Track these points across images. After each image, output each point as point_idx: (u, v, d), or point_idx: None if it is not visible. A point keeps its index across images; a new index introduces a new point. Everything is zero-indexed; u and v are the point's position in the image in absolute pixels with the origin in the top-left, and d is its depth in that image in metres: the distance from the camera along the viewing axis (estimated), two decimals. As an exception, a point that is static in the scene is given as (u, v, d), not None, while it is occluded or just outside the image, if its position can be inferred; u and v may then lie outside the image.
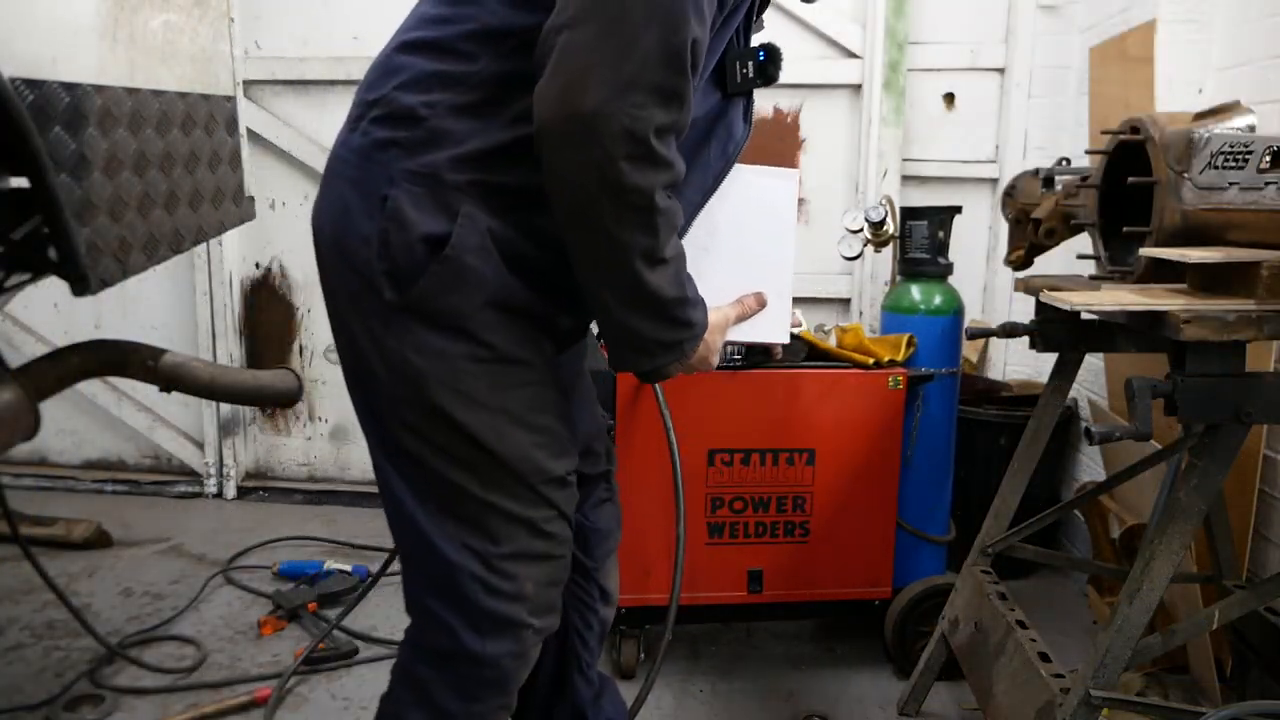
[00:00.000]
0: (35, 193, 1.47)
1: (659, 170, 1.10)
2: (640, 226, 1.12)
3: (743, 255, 1.43)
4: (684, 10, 1.07)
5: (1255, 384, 1.52)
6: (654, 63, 1.06)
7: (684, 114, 1.11)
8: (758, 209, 1.43)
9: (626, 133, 1.06)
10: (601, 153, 1.06)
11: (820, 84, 3.54)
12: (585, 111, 1.05)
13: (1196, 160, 1.57)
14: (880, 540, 2.53)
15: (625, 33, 1.05)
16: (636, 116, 1.05)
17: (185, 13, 1.98)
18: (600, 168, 1.07)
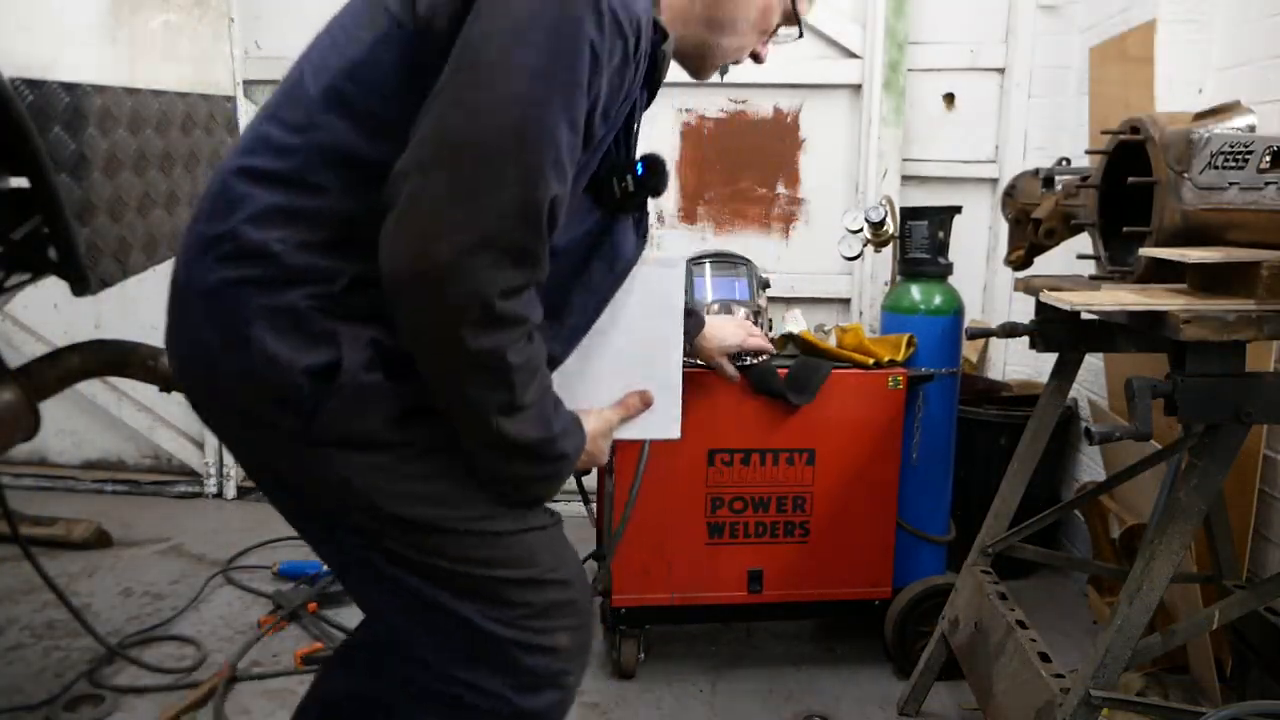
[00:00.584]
0: (35, 193, 1.47)
1: (508, 329, 1.04)
2: (493, 385, 1.07)
3: (631, 345, 1.36)
4: (542, 166, 1.00)
5: (1255, 384, 1.52)
6: (508, 222, 1.00)
7: (538, 271, 1.05)
8: (646, 299, 1.36)
9: (472, 295, 1.00)
10: (448, 316, 1.01)
11: (820, 84, 3.54)
12: (431, 272, 0.99)
13: (1196, 160, 1.57)
14: (880, 540, 2.53)
15: (479, 187, 0.99)
16: (485, 279, 1.00)
17: (185, 13, 1.98)
18: (447, 328, 1.02)
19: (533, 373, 1.10)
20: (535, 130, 0.99)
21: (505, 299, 1.02)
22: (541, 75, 0.99)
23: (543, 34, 0.99)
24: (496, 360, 1.05)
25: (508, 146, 0.99)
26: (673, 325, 1.37)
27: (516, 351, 1.05)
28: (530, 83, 0.99)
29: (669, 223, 3.70)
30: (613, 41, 1.01)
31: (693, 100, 3.60)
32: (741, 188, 3.66)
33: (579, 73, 1.00)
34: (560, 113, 1.00)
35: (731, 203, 3.67)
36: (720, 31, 1.26)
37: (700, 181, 3.66)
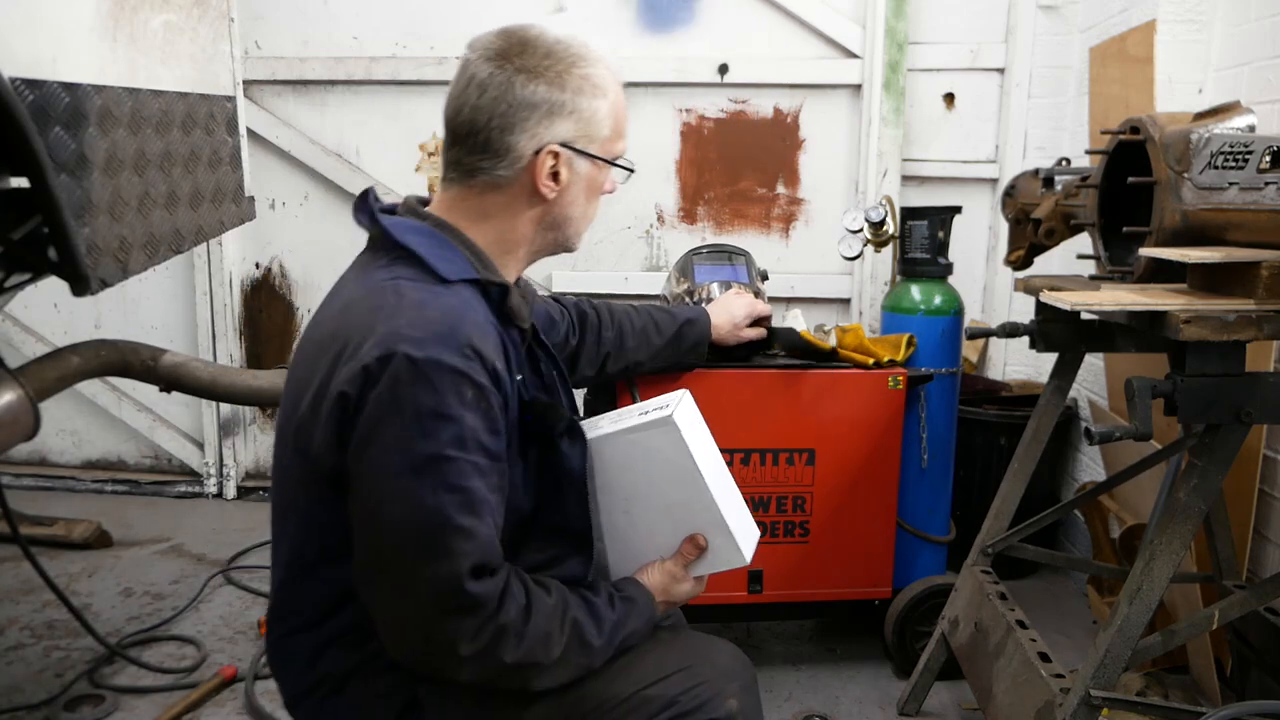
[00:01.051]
0: (35, 193, 1.46)
1: (492, 651, 1.15)
2: (527, 676, 1.19)
3: (663, 509, 1.38)
4: (443, 535, 1.11)
5: (1255, 384, 1.52)
6: (438, 598, 1.12)
7: (489, 601, 1.14)
8: (654, 463, 1.36)
9: (447, 654, 1.14)
10: (453, 673, 1.17)
11: (820, 84, 3.54)
12: (413, 658, 1.18)
13: (1196, 160, 1.57)
14: (880, 540, 2.53)
15: (405, 580, 1.13)
16: (433, 643, 1.14)
17: (185, 13, 1.98)
18: (459, 675, 1.17)
19: (545, 638, 1.19)
20: (428, 523, 1.11)
21: (472, 641, 1.14)
22: (419, 474, 1.11)
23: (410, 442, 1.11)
24: (506, 671, 1.17)
25: (409, 546, 1.12)
26: (690, 473, 1.35)
27: (511, 651, 1.16)
28: (406, 484, 1.11)
29: (669, 223, 3.70)
30: (477, 400, 1.14)
31: (692, 100, 3.60)
32: (741, 188, 3.66)
33: (454, 447, 1.12)
34: (444, 492, 1.11)
35: (731, 203, 3.67)
36: (562, 228, 1.33)
37: (700, 181, 3.66)
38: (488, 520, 1.15)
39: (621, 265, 3.72)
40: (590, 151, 1.28)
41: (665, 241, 3.71)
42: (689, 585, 1.38)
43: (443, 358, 1.10)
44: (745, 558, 1.37)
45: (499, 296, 1.26)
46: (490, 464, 1.16)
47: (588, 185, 1.31)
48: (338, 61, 3.64)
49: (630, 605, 1.32)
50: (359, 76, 3.65)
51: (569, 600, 1.25)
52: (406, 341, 1.10)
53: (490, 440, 1.15)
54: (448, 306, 1.16)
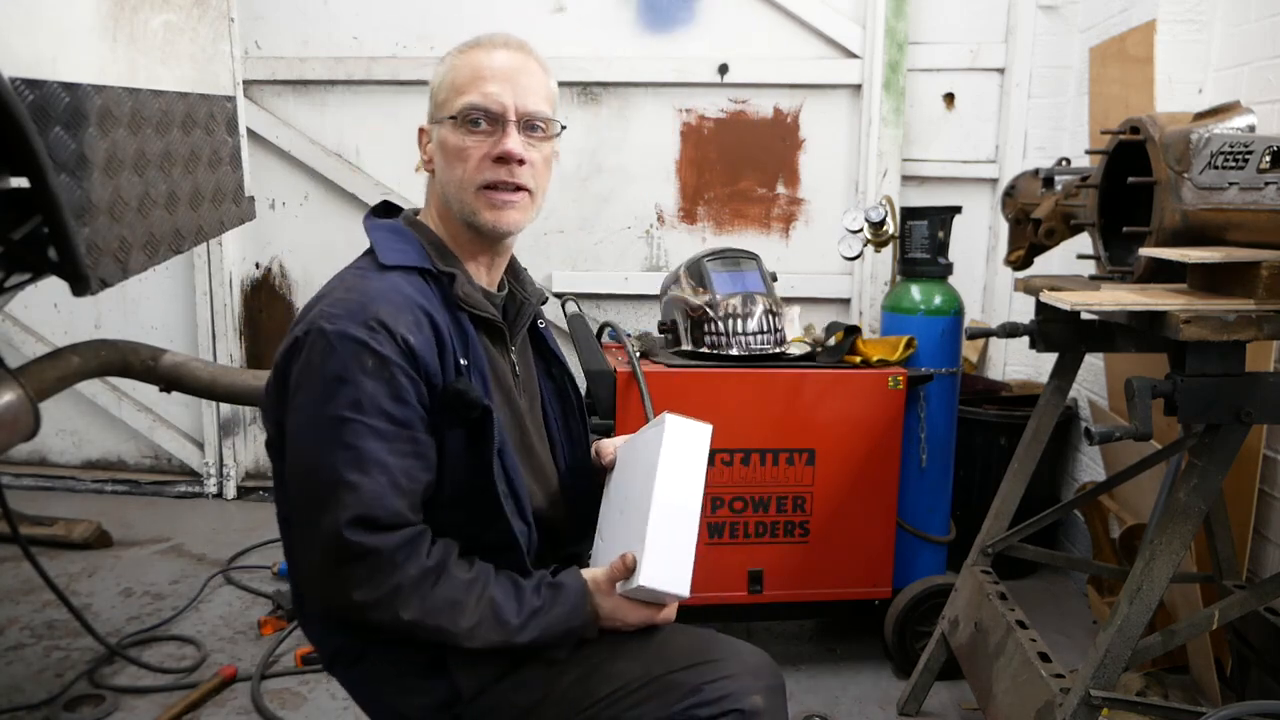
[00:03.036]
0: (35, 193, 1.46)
1: (386, 604, 1.22)
2: (426, 633, 1.25)
3: (630, 514, 1.40)
4: (332, 488, 1.21)
5: (1255, 384, 1.52)
6: (324, 547, 1.21)
7: (377, 554, 1.21)
8: (639, 464, 1.41)
9: (338, 598, 1.23)
10: (347, 614, 1.25)
11: (820, 84, 3.54)
12: (323, 606, 1.30)
13: (1196, 160, 1.57)
14: (880, 540, 2.53)
15: (302, 530, 1.28)
16: (331, 594, 1.23)
17: (185, 13, 1.97)
18: (357, 618, 1.24)
19: (451, 606, 1.26)
20: (320, 477, 1.22)
21: (365, 589, 1.21)
22: (319, 431, 1.24)
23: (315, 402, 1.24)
24: (409, 627, 1.24)
25: (305, 498, 1.25)
26: (648, 476, 1.36)
27: (409, 609, 1.23)
28: (310, 440, 1.25)
29: (669, 223, 3.70)
30: (378, 369, 1.23)
31: (693, 100, 3.60)
32: (741, 188, 3.66)
33: (351, 409, 1.22)
34: (338, 449, 1.22)
35: (731, 203, 3.67)
36: (449, 204, 1.39)
37: (700, 181, 3.66)
38: (378, 478, 1.22)
39: (621, 265, 3.72)
40: (435, 117, 1.40)
41: (665, 241, 3.71)
42: (611, 601, 1.37)
43: (347, 330, 1.23)
44: (638, 580, 1.33)
45: (448, 283, 1.36)
46: (392, 429, 1.24)
47: (441, 149, 1.38)
48: (338, 61, 3.64)
49: (556, 591, 1.34)
50: (359, 76, 3.65)
51: (490, 579, 1.31)
52: (324, 318, 1.25)
53: (393, 406, 1.24)
54: (369, 288, 1.29)
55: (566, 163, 3.59)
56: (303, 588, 1.30)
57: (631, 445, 1.50)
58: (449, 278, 1.36)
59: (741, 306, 2.45)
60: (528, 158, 1.36)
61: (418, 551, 1.25)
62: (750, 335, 2.45)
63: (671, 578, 1.36)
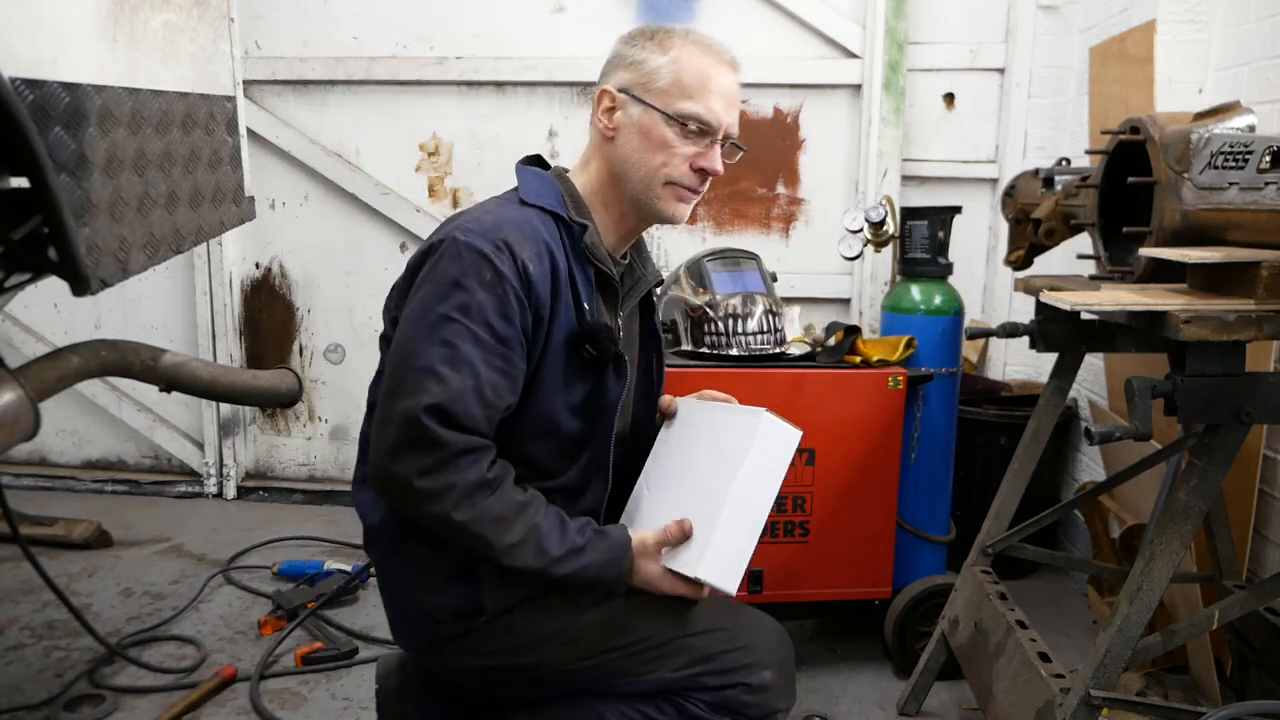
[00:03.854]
0: (35, 193, 1.46)
1: (439, 498, 1.29)
2: (468, 539, 1.31)
3: (694, 489, 1.42)
4: (422, 375, 1.29)
5: (1255, 384, 1.52)
6: (401, 426, 1.29)
7: (446, 446, 1.28)
8: (719, 444, 1.43)
9: (395, 489, 1.31)
10: (393, 500, 1.35)
11: (820, 84, 3.54)
12: (380, 486, 1.35)
13: (1196, 160, 1.57)
14: (880, 540, 2.53)
15: (386, 408, 1.33)
16: (395, 474, 1.30)
17: (185, 13, 1.97)
18: (404, 507, 1.34)
19: (498, 520, 1.31)
20: (415, 364, 1.31)
21: (423, 478, 1.28)
22: (425, 325, 1.32)
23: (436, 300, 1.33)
24: (454, 527, 1.30)
25: (398, 379, 1.32)
26: (732, 467, 1.37)
27: (459, 509, 1.29)
28: (415, 330, 1.33)
29: (669, 223, 3.70)
30: (494, 283, 1.32)
31: (693, 100, 3.60)
32: (741, 188, 3.66)
33: (459, 312, 1.31)
34: (437, 344, 1.30)
35: (731, 203, 3.67)
36: (625, 175, 1.47)
37: (700, 181, 3.66)
38: (465, 379, 1.29)
39: (621, 265, 3.71)
40: (644, 99, 1.43)
41: (665, 241, 3.71)
42: (654, 567, 1.40)
43: (475, 242, 1.33)
44: (696, 570, 1.35)
45: (579, 232, 1.44)
46: (492, 341, 1.32)
47: (640, 130, 1.44)
48: (338, 61, 3.64)
49: (600, 538, 1.39)
50: (359, 76, 3.65)
51: (541, 508, 1.37)
52: (459, 229, 1.36)
53: (498, 321, 1.32)
54: (505, 215, 1.39)
55: (566, 163, 3.59)
56: (373, 460, 1.35)
57: (709, 414, 1.51)
58: (580, 228, 1.44)
59: (741, 306, 2.45)
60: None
61: (479, 461, 1.31)
62: (750, 335, 2.45)
63: (727, 574, 1.38)
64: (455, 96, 3.64)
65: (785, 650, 1.49)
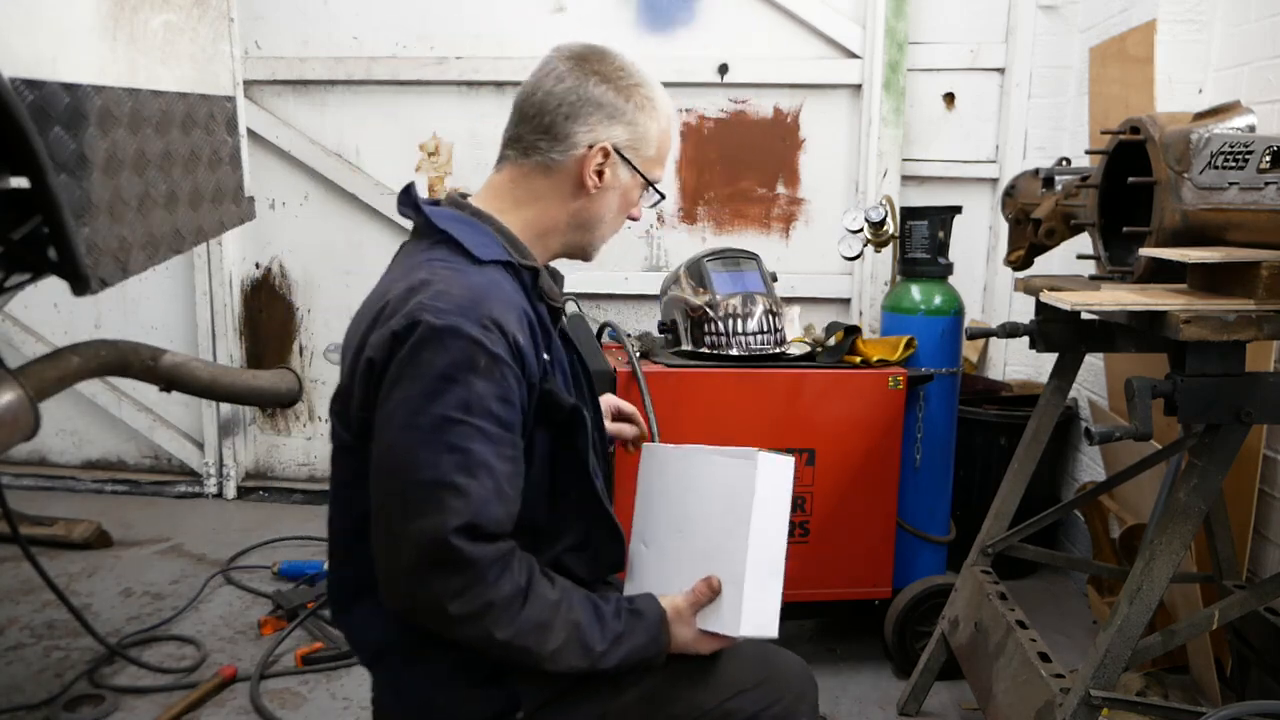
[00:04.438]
0: (35, 193, 1.46)
1: (478, 619, 1.18)
2: (513, 655, 1.22)
3: (706, 545, 1.37)
4: (437, 490, 1.15)
5: (1255, 384, 1.52)
6: (426, 551, 1.15)
7: (480, 563, 1.17)
8: (718, 495, 1.36)
9: (431, 607, 1.17)
10: (437, 626, 1.21)
11: (820, 84, 3.54)
12: (404, 610, 1.21)
13: (1196, 160, 1.57)
14: (880, 540, 2.53)
15: (398, 530, 1.18)
16: (419, 597, 1.18)
17: (185, 13, 1.97)
18: (449, 633, 1.20)
19: (539, 628, 1.22)
20: (425, 478, 1.16)
21: (460, 602, 1.17)
22: (422, 431, 1.17)
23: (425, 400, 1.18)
24: (499, 646, 1.20)
25: (405, 498, 1.18)
26: (741, 519, 1.32)
27: (501, 628, 1.19)
28: (410, 439, 1.18)
29: (669, 223, 3.70)
30: (490, 368, 1.19)
31: (693, 100, 3.60)
32: (741, 188, 3.66)
33: (460, 410, 1.17)
34: (444, 451, 1.16)
35: (731, 203, 3.67)
36: (591, 229, 1.41)
37: (700, 181, 3.66)
38: (485, 483, 1.18)
39: (622, 265, 3.71)
40: (634, 163, 1.38)
41: (665, 241, 3.71)
42: (690, 632, 1.35)
43: (460, 326, 1.17)
44: (739, 629, 1.32)
45: (531, 278, 1.34)
46: (500, 431, 1.20)
47: (623, 195, 1.40)
48: (338, 61, 3.64)
49: (637, 619, 1.32)
50: (359, 76, 3.65)
51: (573, 600, 1.27)
52: (430, 311, 1.18)
53: (501, 408, 1.20)
54: (474, 283, 1.24)
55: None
56: (388, 585, 1.22)
57: (694, 461, 1.43)
58: (531, 272, 1.34)
59: (741, 306, 2.45)
60: None
61: (510, 569, 1.21)
62: (750, 335, 2.45)
63: (765, 622, 1.34)
64: (455, 96, 3.64)
65: (814, 691, 1.48)
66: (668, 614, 1.34)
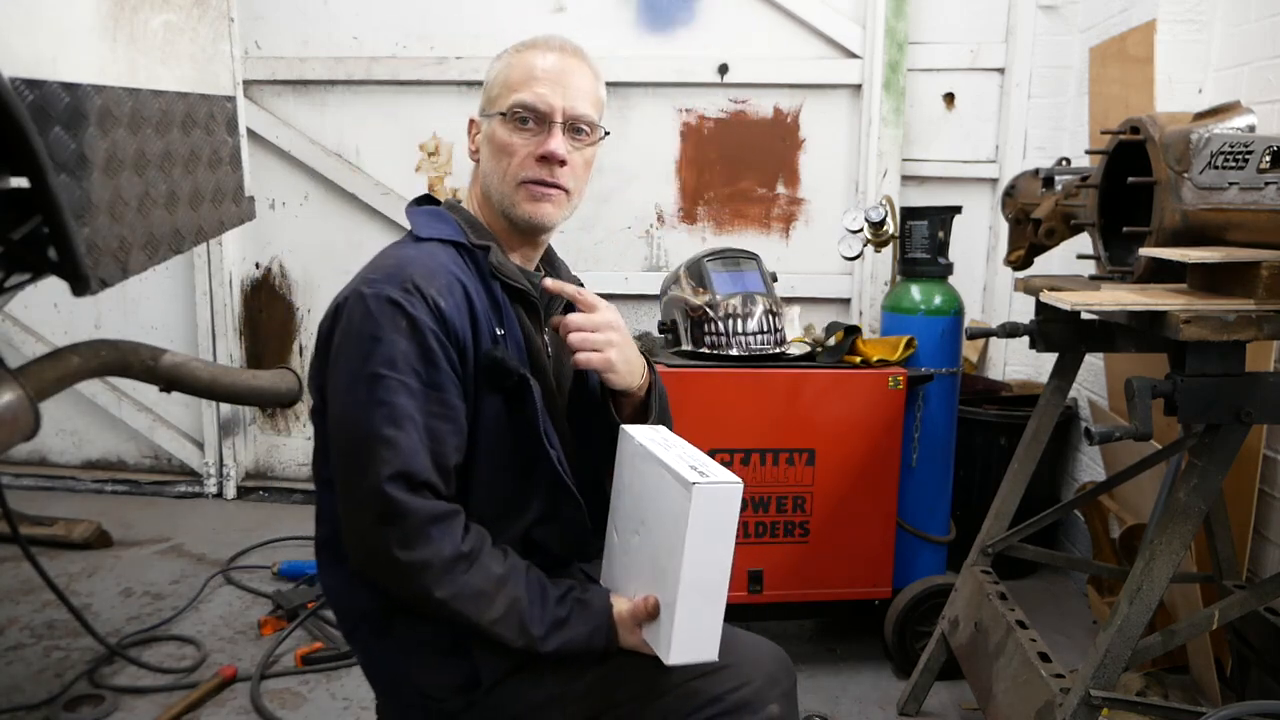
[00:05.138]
0: (35, 193, 1.46)
1: (420, 573, 1.24)
2: (448, 613, 1.27)
3: (654, 556, 1.34)
4: (370, 442, 1.24)
5: (1255, 384, 1.52)
6: (366, 502, 1.24)
7: (416, 514, 1.24)
8: (664, 512, 1.32)
9: (378, 557, 1.25)
10: (376, 575, 1.29)
11: (820, 84, 3.54)
12: (365, 569, 1.29)
13: (1196, 160, 1.57)
14: (880, 540, 2.53)
15: (347, 487, 1.28)
16: (373, 551, 1.25)
17: (185, 13, 1.97)
18: (385, 581, 1.29)
19: (479, 595, 1.27)
20: (359, 433, 1.26)
21: (403, 550, 1.23)
22: (356, 390, 1.27)
23: (356, 363, 1.28)
24: (430, 602, 1.26)
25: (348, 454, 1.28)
26: (676, 547, 1.27)
27: (439, 586, 1.25)
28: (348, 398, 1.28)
29: (669, 223, 3.70)
30: (410, 329, 1.28)
31: (692, 100, 3.60)
32: (741, 188, 3.66)
33: (385, 366, 1.27)
34: (373, 406, 1.25)
35: (731, 203, 3.67)
36: (489, 186, 1.44)
37: (700, 181, 3.66)
38: (411, 434, 1.26)
39: (621, 265, 3.72)
40: (487, 110, 1.44)
41: (665, 241, 3.71)
42: (635, 637, 1.35)
43: (383, 291, 1.29)
44: (668, 658, 1.29)
45: (482, 256, 1.41)
46: (422, 388, 1.28)
47: (489, 141, 1.44)
48: (338, 61, 3.64)
49: (582, 609, 1.34)
50: (359, 76, 3.65)
51: (521, 579, 1.32)
52: (364, 283, 1.31)
53: (422, 367, 1.28)
54: (404, 255, 1.36)
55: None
56: (347, 547, 1.31)
57: (651, 470, 1.37)
58: (483, 250, 1.41)
59: (741, 306, 2.45)
60: (569, 159, 1.41)
61: (451, 531, 1.27)
62: (750, 335, 2.45)
63: (699, 647, 1.31)
64: (455, 96, 3.64)
65: (789, 679, 1.46)
66: (615, 615, 1.35)
